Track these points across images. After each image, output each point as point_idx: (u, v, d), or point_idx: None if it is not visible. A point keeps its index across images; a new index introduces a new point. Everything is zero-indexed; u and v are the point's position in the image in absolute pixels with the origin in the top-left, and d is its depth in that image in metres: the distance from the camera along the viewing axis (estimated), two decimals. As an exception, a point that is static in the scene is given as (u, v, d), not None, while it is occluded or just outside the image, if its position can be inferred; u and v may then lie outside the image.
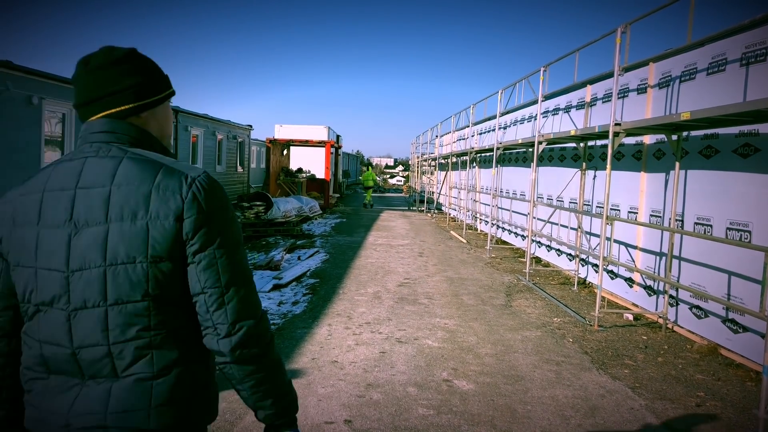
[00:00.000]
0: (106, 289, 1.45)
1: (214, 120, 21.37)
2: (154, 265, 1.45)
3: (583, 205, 10.52)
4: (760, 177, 6.13)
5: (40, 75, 10.84)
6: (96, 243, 1.45)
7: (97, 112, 1.60)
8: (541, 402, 5.09)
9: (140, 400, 1.45)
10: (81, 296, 1.46)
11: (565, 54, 10.38)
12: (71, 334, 1.47)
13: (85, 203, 1.48)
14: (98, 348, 1.46)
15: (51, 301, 1.48)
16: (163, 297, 1.48)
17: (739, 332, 6.32)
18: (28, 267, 1.51)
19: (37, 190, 1.54)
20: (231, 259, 1.52)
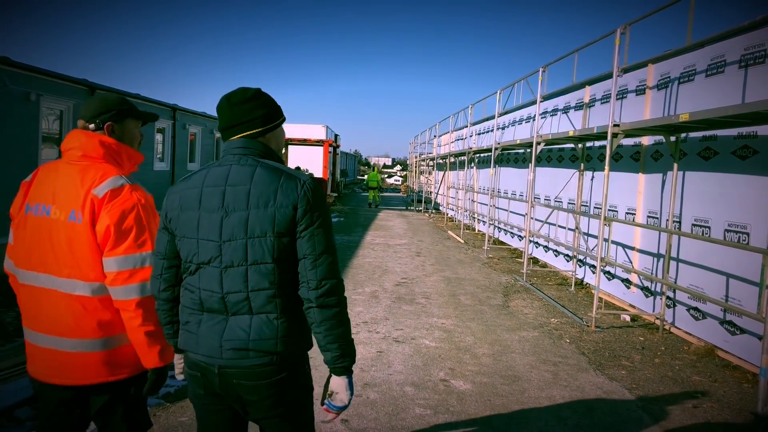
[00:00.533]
0: (247, 254, 2.13)
1: (212, 118, 21.35)
2: (278, 238, 2.12)
3: (581, 206, 10.52)
4: (759, 179, 6.13)
5: (38, 72, 10.81)
6: (240, 223, 2.14)
7: (236, 133, 2.30)
8: (538, 402, 5.08)
9: (271, 331, 2.14)
10: (229, 258, 2.15)
11: (564, 55, 10.39)
12: (222, 284, 2.16)
13: (232, 196, 2.16)
14: (240, 294, 2.15)
15: (208, 261, 2.17)
16: (283, 260, 2.14)
17: (736, 334, 6.32)
18: (192, 238, 2.20)
19: (197, 185, 2.24)
20: (324, 237, 2.17)
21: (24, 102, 10.54)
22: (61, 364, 2.49)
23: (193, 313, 2.24)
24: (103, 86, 13.21)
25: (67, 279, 2.47)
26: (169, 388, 5.09)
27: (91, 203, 2.44)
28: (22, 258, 2.56)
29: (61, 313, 2.47)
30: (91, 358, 2.49)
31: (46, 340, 2.51)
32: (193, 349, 2.22)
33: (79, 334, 2.48)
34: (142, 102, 15.52)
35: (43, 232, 2.50)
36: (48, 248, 2.49)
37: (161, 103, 16.70)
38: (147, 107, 15.81)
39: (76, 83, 12.20)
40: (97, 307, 2.48)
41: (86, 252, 2.45)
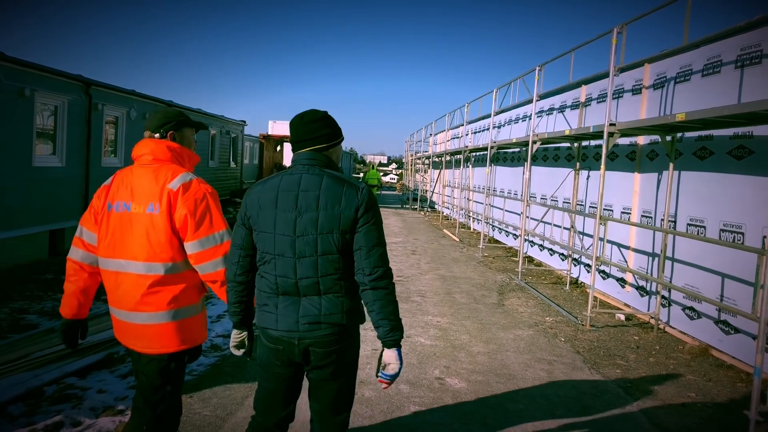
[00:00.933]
0: (317, 246, 2.64)
1: (207, 115, 21.27)
2: (342, 234, 2.64)
3: (577, 205, 10.53)
4: (754, 179, 6.14)
5: (32, 67, 10.74)
6: (311, 221, 2.64)
7: (305, 147, 2.80)
8: (533, 401, 5.09)
9: (336, 308, 2.67)
10: (302, 250, 2.65)
11: (561, 54, 10.38)
12: (296, 271, 2.66)
13: (304, 199, 2.67)
14: (311, 279, 2.66)
15: (283, 253, 2.67)
16: (345, 251, 2.66)
17: (731, 333, 6.34)
18: (269, 233, 2.70)
19: (273, 189, 2.73)
20: (376, 232, 2.68)
21: (18, 97, 10.47)
22: (139, 334, 3.01)
23: (270, 296, 2.74)
24: (98, 82, 13.15)
25: (145, 262, 2.96)
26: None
27: (167, 196, 2.97)
28: (107, 248, 3.05)
29: (139, 291, 2.96)
30: (165, 329, 3.00)
31: (129, 316, 3.02)
32: (272, 326, 2.73)
33: (152, 308, 2.98)
34: (137, 98, 15.46)
35: (124, 224, 3.01)
36: (129, 238, 2.99)
37: (156, 100, 16.61)
38: (142, 103, 15.75)
39: (71, 79, 12.13)
40: (170, 284, 2.99)
41: (162, 237, 2.96)
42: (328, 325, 2.67)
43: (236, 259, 2.82)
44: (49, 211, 11.64)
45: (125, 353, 5.74)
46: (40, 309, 7.78)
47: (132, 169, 3.14)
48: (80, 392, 4.84)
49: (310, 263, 2.65)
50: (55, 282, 9.45)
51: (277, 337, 2.73)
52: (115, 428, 3.26)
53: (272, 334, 2.74)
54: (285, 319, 2.70)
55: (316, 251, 2.64)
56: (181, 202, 2.96)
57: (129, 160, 14.65)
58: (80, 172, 12.79)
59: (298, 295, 2.69)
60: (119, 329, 3.12)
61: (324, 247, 2.64)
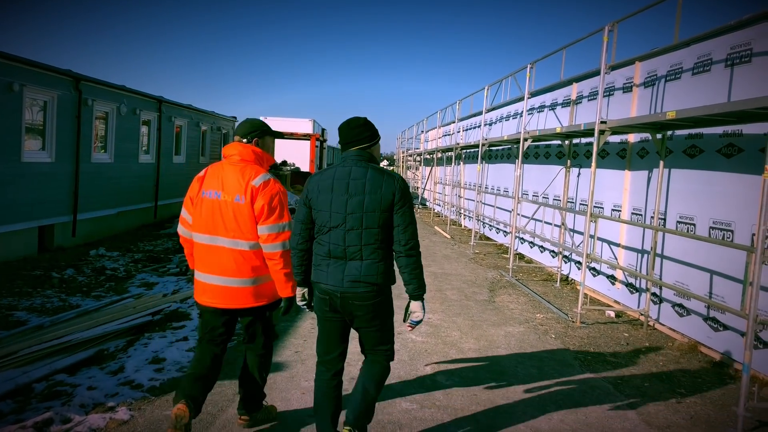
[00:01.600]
0: (362, 222, 3.47)
1: (198, 111, 21.17)
2: (382, 213, 3.47)
3: (567, 203, 10.56)
4: (743, 177, 6.18)
5: (21, 61, 10.64)
6: (359, 203, 3.48)
7: (353, 146, 3.69)
8: (523, 397, 5.11)
9: (374, 270, 3.49)
10: (351, 224, 3.48)
11: (552, 51, 10.39)
12: (345, 240, 3.49)
13: (354, 186, 3.52)
14: (356, 247, 3.49)
15: (337, 226, 3.51)
16: (384, 227, 3.49)
17: (719, 330, 6.38)
18: (325, 211, 3.55)
19: (329, 177, 3.59)
20: (409, 213, 3.53)
21: (6, 92, 10.39)
22: (226, 294, 3.92)
23: (323, 259, 3.60)
24: (88, 77, 13.05)
25: (232, 239, 3.88)
26: (154, 382, 5.07)
27: (251, 190, 3.85)
28: (201, 226, 3.95)
29: (227, 261, 3.90)
30: (245, 291, 3.93)
31: (216, 279, 3.92)
32: (323, 281, 3.57)
33: (239, 275, 3.90)
34: (127, 94, 15.37)
35: (215, 208, 3.90)
36: (219, 219, 3.89)
37: (146, 95, 16.52)
38: (132, 99, 15.66)
39: (60, 74, 12.04)
40: (251, 257, 3.91)
41: (246, 221, 3.86)
42: (366, 284, 3.51)
43: (299, 231, 3.70)
44: (38, 206, 11.56)
45: (110, 351, 5.73)
46: (29, 305, 7.73)
47: (222, 164, 4.02)
48: (70, 389, 4.81)
49: (356, 235, 3.51)
50: (44, 278, 9.39)
51: (325, 289, 3.58)
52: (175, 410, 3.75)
53: (322, 287, 3.59)
54: (333, 277, 3.54)
55: (361, 225, 3.50)
56: (260, 195, 3.85)
57: (119, 155, 14.61)
58: (70, 167, 12.70)
59: (345, 259, 3.54)
60: (203, 291, 3.99)
61: (367, 222, 3.50)
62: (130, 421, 4.30)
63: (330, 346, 3.79)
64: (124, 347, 6.00)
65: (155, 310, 7.07)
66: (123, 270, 10.57)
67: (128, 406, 4.52)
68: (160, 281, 9.68)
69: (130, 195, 15.85)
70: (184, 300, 7.92)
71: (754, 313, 4.68)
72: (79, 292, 8.77)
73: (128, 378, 5.11)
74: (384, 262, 3.54)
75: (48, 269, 10.06)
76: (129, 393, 4.79)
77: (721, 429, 4.70)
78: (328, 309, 3.64)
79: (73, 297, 8.40)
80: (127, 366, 5.36)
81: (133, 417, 4.37)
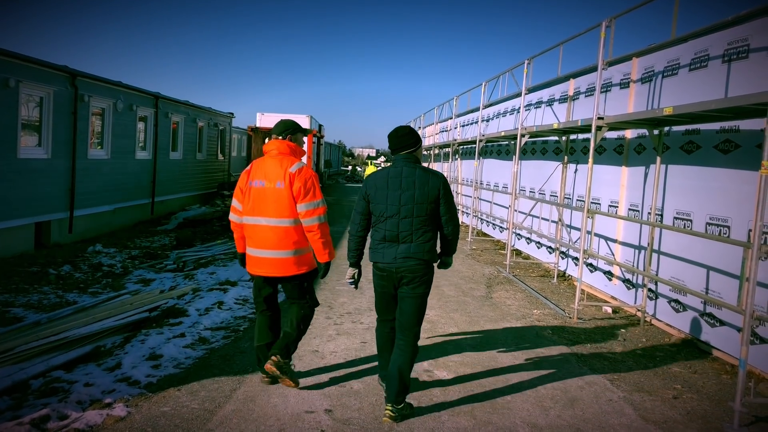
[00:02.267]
0: (413, 212, 4.35)
1: (195, 107, 21.13)
2: (429, 204, 4.36)
3: (564, 199, 10.57)
4: (740, 173, 6.19)
5: (17, 57, 10.61)
6: (410, 197, 4.36)
7: (402, 151, 4.52)
8: (520, 393, 5.11)
9: (422, 249, 4.40)
10: (404, 214, 4.36)
11: (550, 47, 10.38)
12: (398, 227, 4.38)
13: (405, 182, 4.39)
14: (407, 232, 4.38)
15: (392, 216, 4.38)
16: (430, 215, 4.39)
17: (716, 326, 6.40)
18: (382, 204, 4.42)
19: (384, 176, 4.46)
20: (451, 204, 4.46)
21: (2, 88, 10.35)
22: (273, 265, 4.82)
23: (379, 243, 4.52)
24: (85, 73, 13.01)
25: (275, 218, 4.75)
26: (151, 378, 5.06)
27: (289, 176, 4.73)
28: (250, 210, 4.84)
29: (272, 237, 4.78)
30: (289, 261, 4.81)
31: (265, 253, 4.81)
32: (380, 260, 4.51)
33: (283, 248, 4.79)
34: (124, 90, 15.33)
35: (260, 195, 4.79)
36: (264, 203, 4.77)
37: (143, 91, 16.48)
38: (129, 95, 15.62)
39: (56, 69, 12.00)
40: (292, 232, 4.79)
41: (286, 203, 4.73)
42: (415, 259, 4.41)
43: (358, 220, 4.64)
44: (34, 203, 11.54)
45: (107, 348, 5.72)
46: (25, 302, 7.73)
47: (264, 159, 4.93)
48: (67, 385, 4.81)
49: (407, 222, 4.41)
50: (41, 275, 9.37)
51: (382, 267, 4.52)
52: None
53: (380, 266, 4.53)
54: (388, 256, 4.46)
55: (412, 215, 4.39)
56: (297, 179, 4.73)
57: (115, 152, 14.57)
58: (66, 164, 12.68)
59: (398, 242, 4.44)
60: (255, 263, 4.89)
61: (417, 212, 4.39)
62: (127, 418, 4.30)
63: (387, 311, 4.74)
64: (121, 344, 6.00)
65: (152, 307, 7.07)
66: (120, 266, 10.56)
67: (125, 403, 4.52)
68: (157, 278, 9.67)
69: (126, 191, 15.83)
70: (181, 296, 7.91)
71: (750, 308, 4.69)
72: (75, 288, 8.76)
73: (125, 374, 5.11)
74: (430, 242, 4.46)
75: (45, 266, 10.05)
76: (126, 389, 4.78)
77: (717, 424, 4.71)
78: (384, 283, 4.57)
79: (70, 293, 8.40)
80: (124, 362, 5.36)
81: (130, 413, 4.37)
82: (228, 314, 7.21)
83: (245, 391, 4.90)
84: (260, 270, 4.86)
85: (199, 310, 7.28)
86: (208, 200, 22.17)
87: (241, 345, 6.12)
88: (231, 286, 8.71)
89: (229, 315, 7.19)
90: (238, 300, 7.92)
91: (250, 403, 4.66)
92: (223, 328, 6.70)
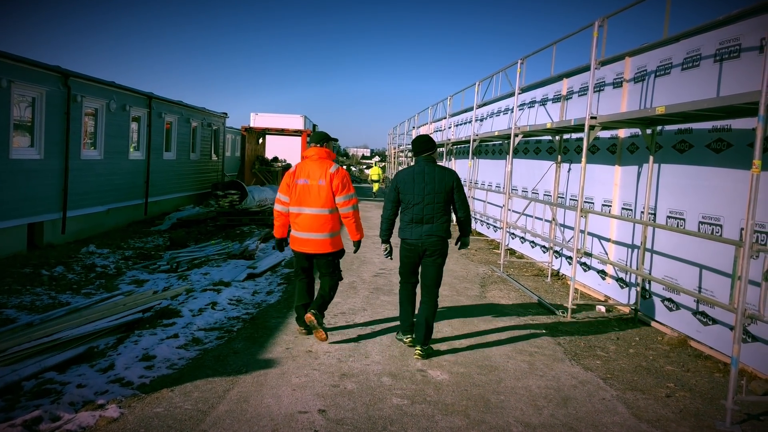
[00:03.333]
0: (434, 200, 5.87)
1: (188, 107, 21.07)
2: (447, 193, 5.91)
3: (558, 198, 10.59)
4: (732, 172, 6.22)
5: (9, 57, 10.56)
6: (432, 188, 5.88)
7: (423, 153, 6.07)
8: (514, 392, 5.12)
9: (441, 229, 5.92)
10: (427, 201, 5.87)
11: (543, 47, 10.41)
12: (423, 211, 5.88)
13: (427, 177, 5.91)
14: (429, 215, 5.89)
15: (418, 203, 5.89)
16: (446, 202, 5.94)
17: (708, 324, 6.42)
18: (410, 194, 5.93)
19: (410, 173, 6.00)
20: (462, 194, 6.01)
21: (-6, 88, 10.31)
22: (312, 244, 6.17)
23: (408, 224, 5.91)
24: (77, 73, 12.97)
25: (316, 208, 6.09)
26: (144, 380, 5.05)
27: (329, 175, 6.09)
28: (296, 202, 6.16)
29: (313, 222, 6.12)
30: (325, 241, 6.18)
31: (307, 234, 6.16)
32: (408, 237, 5.90)
33: (321, 231, 6.13)
34: (117, 90, 15.28)
35: (305, 190, 6.12)
36: (307, 196, 6.11)
37: (136, 91, 16.43)
38: (122, 95, 15.57)
39: (49, 70, 11.95)
40: (328, 219, 6.14)
41: (325, 196, 6.08)
42: (436, 236, 5.86)
43: (389, 207, 6.10)
44: (26, 203, 11.49)
45: (100, 349, 5.69)
46: (18, 303, 7.70)
47: (306, 162, 6.28)
48: (59, 387, 4.79)
49: (430, 208, 5.85)
50: (33, 276, 9.33)
51: (410, 242, 5.94)
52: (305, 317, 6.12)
53: (408, 241, 5.96)
54: (415, 234, 5.90)
55: (433, 202, 5.84)
56: (335, 177, 6.12)
57: (109, 152, 14.52)
58: (59, 164, 12.63)
59: (422, 223, 5.87)
60: (299, 242, 6.25)
61: (437, 200, 5.84)
62: (120, 419, 4.29)
63: (411, 275, 6.21)
64: (114, 345, 5.98)
65: (145, 308, 7.05)
66: (113, 267, 10.53)
67: (118, 404, 4.51)
68: (150, 278, 9.64)
69: (120, 192, 15.77)
70: (174, 297, 7.89)
71: (742, 307, 4.71)
72: (69, 289, 8.73)
73: (118, 375, 5.09)
74: (446, 224, 5.95)
75: (37, 267, 10.01)
76: (119, 390, 4.77)
77: (710, 422, 4.73)
78: (411, 254, 6.02)
79: (63, 294, 8.37)
80: (117, 363, 5.34)
81: (123, 414, 4.36)
82: (221, 315, 7.19)
83: (238, 391, 4.90)
84: (303, 248, 6.23)
85: (193, 310, 7.26)
86: (201, 201, 22.12)
87: (234, 345, 6.11)
88: (224, 286, 8.69)
89: (223, 315, 7.17)
90: (232, 301, 7.91)
91: (243, 404, 4.65)
92: (216, 328, 6.69)
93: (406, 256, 6.05)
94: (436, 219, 5.83)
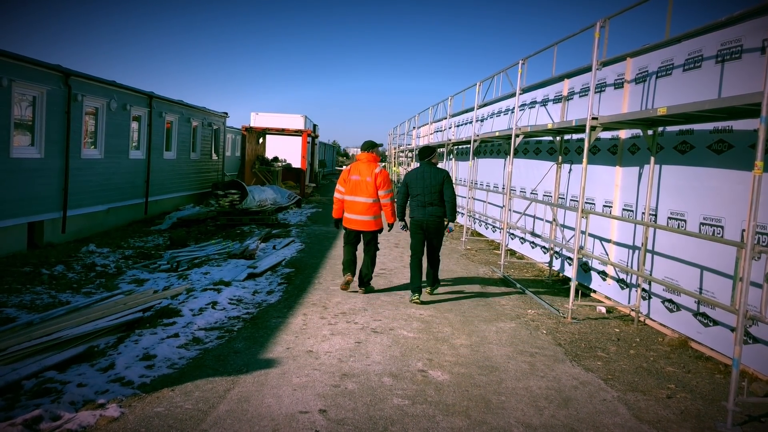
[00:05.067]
0: (431, 191, 8.32)
1: (188, 106, 21.07)
2: (439, 186, 8.34)
3: (559, 198, 10.58)
4: (733, 173, 6.21)
5: (10, 56, 10.56)
6: (430, 183, 8.35)
7: (425, 158, 8.64)
8: (515, 393, 5.12)
9: (438, 211, 8.39)
10: (426, 192, 8.34)
11: (544, 47, 10.40)
12: (425, 199, 8.35)
13: (427, 175, 8.41)
14: (429, 201, 8.35)
15: (421, 195, 8.37)
16: (440, 192, 8.37)
17: (709, 326, 6.41)
18: (415, 187, 8.44)
19: (415, 172, 8.55)
20: (450, 187, 8.41)
21: (-5, 87, 10.30)
22: (360, 223, 8.61)
23: (416, 207, 8.41)
24: (78, 72, 12.96)
25: (364, 197, 8.53)
26: (145, 379, 5.04)
27: (375, 175, 8.56)
28: (350, 192, 8.62)
29: (362, 207, 8.56)
30: (370, 222, 8.61)
31: (357, 216, 8.59)
32: (417, 216, 8.37)
33: (367, 214, 8.57)
34: (118, 89, 15.27)
35: (356, 184, 8.59)
36: (358, 189, 8.57)
37: (137, 91, 16.42)
38: (122, 94, 15.56)
39: (49, 69, 11.95)
40: (372, 205, 8.57)
41: (371, 189, 8.53)
42: (435, 216, 8.26)
43: (402, 195, 8.58)
44: (27, 203, 11.49)
45: (101, 348, 5.68)
46: (18, 302, 7.69)
47: (358, 163, 8.65)
48: (60, 386, 4.79)
49: (429, 197, 8.21)
50: (33, 275, 9.33)
51: (418, 220, 8.32)
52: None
53: (416, 219, 8.33)
54: (421, 214, 8.29)
55: (431, 192, 8.20)
56: (379, 176, 8.50)
57: (109, 151, 14.53)
58: (59, 163, 12.63)
59: (425, 207, 8.25)
60: (351, 222, 8.61)
61: (433, 191, 8.21)
62: (120, 418, 4.28)
63: (419, 247, 8.37)
64: (114, 344, 5.97)
65: (146, 307, 7.04)
66: (113, 266, 10.53)
67: (119, 403, 4.50)
68: (150, 278, 9.64)
69: (120, 191, 15.78)
70: (174, 296, 7.89)
71: (743, 308, 4.70)
72: (69, 288, 8.72)
73: (119, 375, 5.09)
74: (442, 208, 8.27)
75: (38, 266, 10.00)
76: (119, 390, 4.76)
77: (710, 423, 4.73)
78: (418, 230, 8.31)
79: (63, 294, 8.36)
80: (118, 363, 5.33)
81: (124, 414, 4.35)
82: (222, 314, 7.19)
83: (239, 391, 4.89)
84: (353, 226, 8.60)
85: (193, 310, 7.26)
86: (202, 200, 22.11)
87: (234, 345, 6.11)
88: (225, 286, 8.68)
89: (223, 315, 7.17)
90: (232, 300, 7.90)
91: (244, 404, 4.64)
92: (216, 328, 6.69)
93: (415, 232, 8.37)
94: (435, 204, 8.22)
